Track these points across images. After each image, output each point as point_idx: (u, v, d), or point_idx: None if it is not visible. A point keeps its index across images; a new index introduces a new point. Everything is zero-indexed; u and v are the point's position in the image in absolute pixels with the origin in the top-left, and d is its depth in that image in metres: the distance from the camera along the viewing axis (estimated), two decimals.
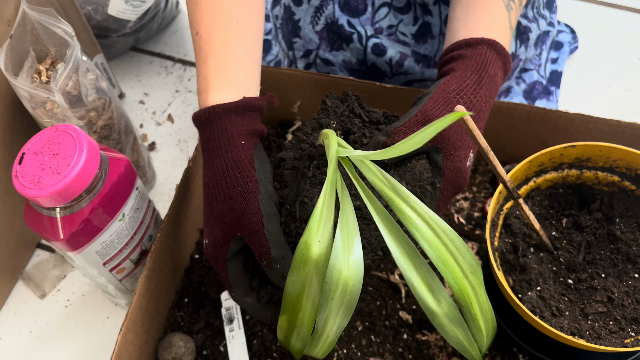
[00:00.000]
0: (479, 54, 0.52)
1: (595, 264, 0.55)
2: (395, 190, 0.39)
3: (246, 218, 0.47)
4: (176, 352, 0.58)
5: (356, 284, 0.37)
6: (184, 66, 0.89)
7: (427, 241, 0.38)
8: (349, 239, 0.38)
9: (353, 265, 0.37)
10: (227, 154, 0.49)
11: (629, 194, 0.57)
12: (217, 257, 0.50)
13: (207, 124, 0.51)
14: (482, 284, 0.39)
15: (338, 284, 0.36)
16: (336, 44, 0.72)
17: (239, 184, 0.48)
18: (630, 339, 0.49)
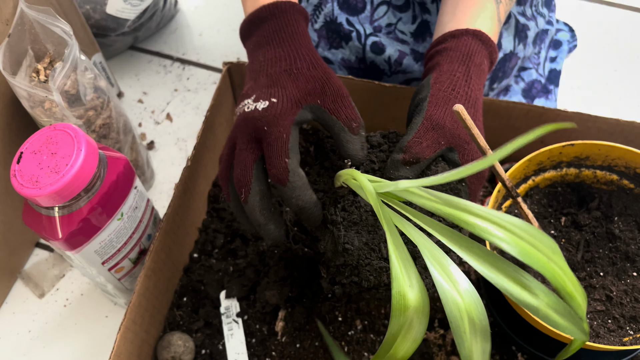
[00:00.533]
0: (464, 45, 0.52)
1: (594, 263, 0.55)
2: (450, 204, 0.38)
3: (334, 85, 0.48)
4: (175, 351, 0.58)
5: (478, 307, 0.36)
6: (183, 65, 0.89)
7: (503, 241, 0.36)
8: (444, 270, 0.37)
9: (465, 293, 0.37)
10: (306, 40, 0.51)
11: (627, 193, 0.57)
12: (284, 116, 0.47)
13: (283, 13, 0.52)
14: (564, 260, 0.38)
15: (462, 317, 0.36)
16: (335, 42, 0.72)
17: (320, 63, 0.50)
18: (629, 337, 0.49)
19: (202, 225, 0.70)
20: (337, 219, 0.46)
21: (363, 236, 0.46)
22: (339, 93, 0.47)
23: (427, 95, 0.49)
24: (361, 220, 0.46)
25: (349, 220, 0.46)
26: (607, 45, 0.91)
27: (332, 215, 0.47)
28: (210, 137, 0.68)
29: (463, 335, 0.35)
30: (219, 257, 0.66)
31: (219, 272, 0.64)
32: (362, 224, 0.46)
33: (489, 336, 0.36)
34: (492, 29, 0.54)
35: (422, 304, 0.36)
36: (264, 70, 0.50)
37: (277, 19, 0.52)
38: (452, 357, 0.61)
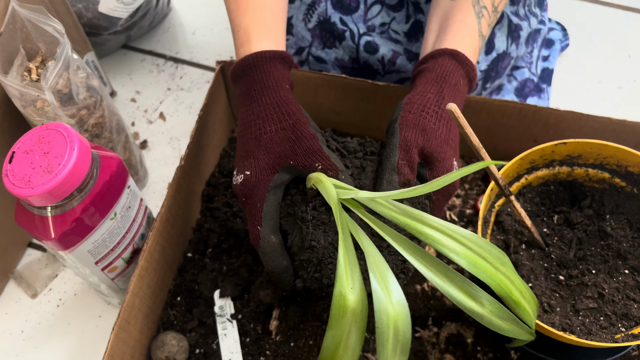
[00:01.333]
0: (440, 65, 0.53)
1: (586, 260, 0.55)
2: (407, 214, 0.40)
3: (303, 143, 0.49)
4: (169, 350, 0.58)
5: (405, 319, 0.38)
6: (176, 64, 0.89)
7: (453, 252, 0.39)
8: (383, 279, 0.39)
9: (397, 303, 0.38)
10: (276, 93, 0.52)
11: (619, 191, 0.57)
12: (258, 186, 0.49)
13: (253, 68, 0.54)
14: (513, 270, 0.40)
15: (389, 326, 0.37)
16: (329, 42, 0.72)
17: (291, 117, 0.50)
18: (621, 334, 0.50)
19: (196, 224, 0.70)
20: (307, 216, 0.48)
21: (329, 236, 0.48)
22: (309, 150, 0.48)
23: (398, 116, 0.51)
24: (329, 221, 0.48)
25: (318, 219, 0.48)
26: (599, 44, 0.91)
27: (302, 212, 0.48)
28: (204, 136, 0.68)
29: (385, 343, 0.37)
30: (213, 257, 0.66)
31: (212, 271, 0.64)
32: (330, 224, 0.48)
33: (408, 351, 0.38)
34: (471, 45, 0.56)
35: (360, 308, 0.38)
36: (241, 137, 0.53)
37: (248, 76, 0.54)
38: (445, 355, 0.61)
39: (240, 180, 0.51)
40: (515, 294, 0.40)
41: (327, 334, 0.37)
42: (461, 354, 0.62)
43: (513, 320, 0.42)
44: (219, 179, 0.73)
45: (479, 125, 0.70)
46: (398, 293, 0.38)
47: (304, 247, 0.48)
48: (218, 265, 0.65)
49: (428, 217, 0.40)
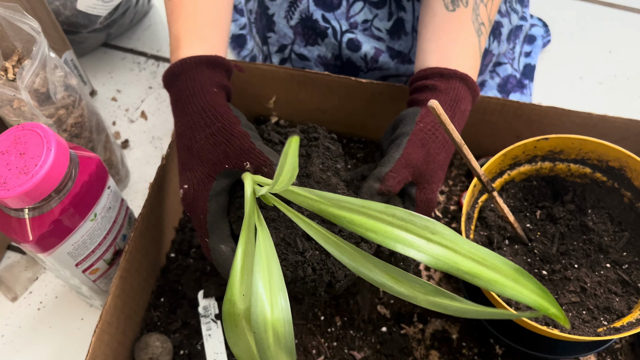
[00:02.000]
0: (452, 90, 0.53)
1: (569, 255, 0.55)
2: (322, 198, 0.39)
3: (234, 143, 0.48)
4: (153, 352, 0.58)
5: (285, 325, 0.36)
6: (157, 62, 0.88)
7: (370, 229, 0.37)
8: (270, 280, 0.37)
9: (278, 308, 0.36)
10: (201, 98, 0.51)
11: (600, 186, 0.58)
12: (197, 198, 0.49)
13: (179, 76, 0.52)
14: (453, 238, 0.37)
15: (267, 331, 0.36)
16: (311, 39, 0.72)
17: (218, 120, 0.49)
18: (603, 327, 0.50)
19: (179, 224, 0.69)
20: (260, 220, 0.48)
21: (281, 232, 0.47)
22: (241, 149, 0.48)
23: (409, 131, 0.51)
24: (278, 216, 0.48)
25: (266, 217, 0.48)
26: (581, 40, 0.92)
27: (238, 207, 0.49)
28: None
29: (267, 349, 0.35)
30: (196, 257, 0.66)
31: (196, 271, 0.64)
32: (280, 220, 0.48)
33: (294, 353, 0.36)
34: (475, 67, 0.56)
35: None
36: (177, 150, 0.53)
37: (175, 85, 0.53)
38: (431, 351, 0.61)
39: (182, 196, 0.50)
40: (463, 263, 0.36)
41: (230, 343, 0.37)
42: (446, 349, 0.62)
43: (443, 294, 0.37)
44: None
45: None
46: (282, 297, 0.37)
47: None
48: (201, 266, 0.64)
49: (343, 199, 0.38)
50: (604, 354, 0.61)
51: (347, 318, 0.62)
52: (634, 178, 0.55)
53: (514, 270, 0.36)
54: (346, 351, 0.60)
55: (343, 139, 0.77)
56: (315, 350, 0.58)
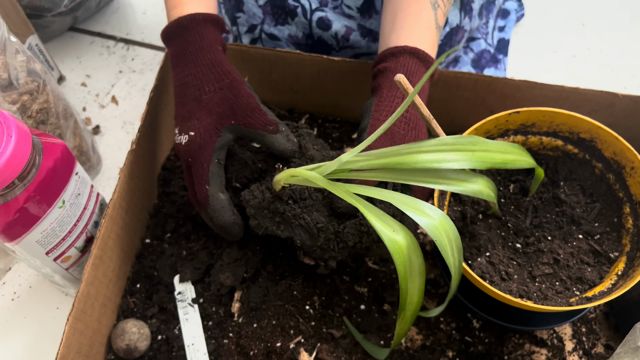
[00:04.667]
0: (402, 66, 0.54)
1: (542, 227, 0.56)
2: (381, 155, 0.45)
3: (241, 102, 0.51)
4: (130, 338, 0.57)
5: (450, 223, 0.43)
6: (127, 45, 0.86)
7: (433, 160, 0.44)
8: (418, 210, 0.43)
9: (437, 216, 0.43)
10: (210, 54, 0.53)
11: (572, 158, 0.58)
12: (204, 147, 0.52)
13: (187, 29, 0.55)
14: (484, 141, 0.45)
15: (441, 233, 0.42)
16: (281, 18, 0.70)
17: (227, 77, 0.52)
18: (575, 297, 0.51)
19: (154, 209, 0.68)
20: (297, 211, 0.50)
21: (324, 211, 0.51)
22: (248, 108, 0.51)
23: (367, 126, 0.52)
24: (313, 200, 0.51)
25: (305, 207, 0.51)
26: (554, 14, 0.92)
27: (290, 211, 0.51)
28: (157, 119, 0.66)
29: (446, 247, 0.42)
30: (171, 242, 0.65)
31: (171, 256, 0.63)
32: (317, 202, 0.51)
33: (461, 249, 0.44)
34: (429, 39, 0.56)
35: (411, 242, 0.42)
36: (180, 96, 0.55)
37: (181, 37, 0.55)
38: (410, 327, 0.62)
39: (185, 141, 0.52)
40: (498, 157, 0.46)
41: (399, 278, 0.42)
42: (425, 325, 0.62)
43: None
44: (175, 162, 0.71)
45: (435, 99, 0.70)
46: (434, 212, 0.43)
47: (314, 235, 0.50)
48: (177, 250, 0.64)
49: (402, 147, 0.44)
50: (579, 324, 0.62)
51: (324, 298, 0.62)
52: (604, 149, 0.55)
53: (522, 150, 0.48)
54: (325, 330, 0.60)
55: (317, 119, 0.77)
56: (293, 330, 0.58)
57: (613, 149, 0.55)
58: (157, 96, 0.65)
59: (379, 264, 0.66)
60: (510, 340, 0.62)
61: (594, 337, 0.61)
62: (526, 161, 0.48)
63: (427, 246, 0.67)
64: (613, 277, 0.51)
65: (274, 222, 0.52)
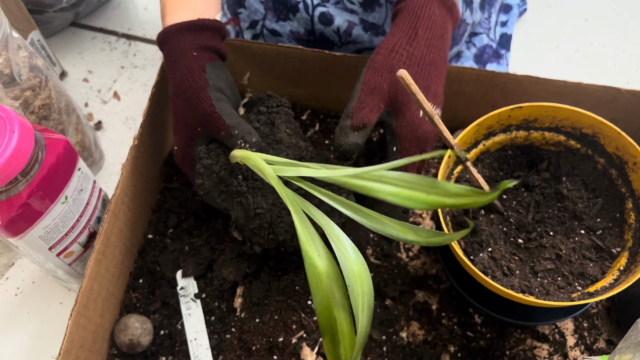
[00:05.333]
0: (411, 2, 0.52)
1: (544, 223, 0.56)
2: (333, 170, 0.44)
3: (200, 108, 0.52)
4: (133, 333, 0.57)
5: (367, 277, 0.41)
6: (129, 41, 0.86)
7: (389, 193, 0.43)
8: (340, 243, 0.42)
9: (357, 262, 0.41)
10: (181, 64, 0.54)
11: (574, 153, 0.58)
12: (185, 158, 0.55)
13: (164, 43, 0.56)
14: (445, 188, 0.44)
15: (356, 282, 0.40)
16: (282, 14, 0.70)
17: (192, 85, 0.53)
18: (577, 293, 0.51)
19: (156, 205, 0.68)
20: (242, 189, 0.51)
21: (269, 198, 0.51)
22: (204, 114, 0.52)
23: (367, 62, 0.51)
24: (263, 184, 0.52)
25: (253, 187, 0.51)
26: (557, 8, 0.91)
27: (236, 187, 0.51)
28: (159, 114, 0.66)
29: (357, 297, 0.39)
30: (173, 237, 0.65)
31: (174, 251, 0.63)
32: (266, 187, 0.52)
33: (372, 305, 0.41)
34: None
35: (332, 269, 0.40)
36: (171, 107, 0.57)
37: (163, 53, 0.57)
38: (412, 322, 0.62)
39: (174, 154, 0.57)
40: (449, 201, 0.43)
41: (314, 303, 0.39)
42: (427, 320, 0.62)
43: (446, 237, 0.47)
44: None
45: None
46: (355, 253, 0.41)
47: (250, 217, 0.51)
48: (179, 246, 0.64)
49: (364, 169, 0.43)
50: (581, 319, 0.62)
51: None
52: (606, 144, 0.55)
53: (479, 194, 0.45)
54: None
55: (320, 114, 0.77)
56: (295, 325, 0.59)
57: (615, 144, 0.54)
58: (159, 92, 0.65)
59: (380, 259, 0.66)
60: (512, 336, 0.62)
61: (596, 332, 0.61)
62: (479, 202, 0.46)
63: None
64: (615, 273, 0.51)
65: (217, 189, 0.52)
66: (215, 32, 0.57)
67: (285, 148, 0.53)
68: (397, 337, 0.61)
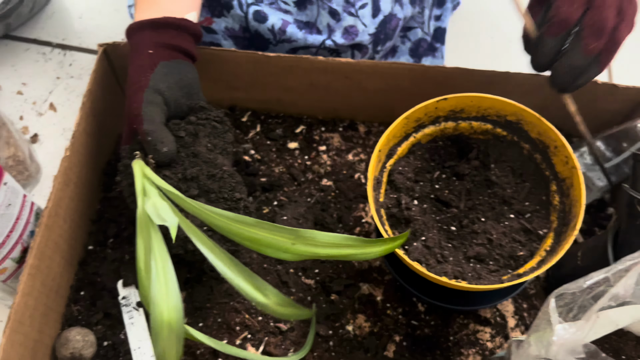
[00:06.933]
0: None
1: (476, 210, 0.57)
2: (206, 209, 0.47)
3: (131, 107, 0.53)
4: (74, 347, 0.57)
5: (177, 320, 0.44)
6: (64, 51, 0.84)
7: (245, 238, 0.46)
8: (166, 281, 0.45)
9: (173, 309, 0.44)
10: (135, 61, 0.55)
11: (502, 140, 0.60)
12: (124, 150, 0.56)
13: (128, 40, 0.58)
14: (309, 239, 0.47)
15: (163, 328, 0.44)
16: (216, 11, 0.70)
17: (134, 83, 0.54)
18: (508, 275, 0.53)
19: (96, 215, 0.67)
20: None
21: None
22: (131, 115, 0.53)
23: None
24: None
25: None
26: (491, 1, 0.94)
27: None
28: (93, 124, 0.65)
29: (159, 340, 0.44)
30: (114, 247, 0.64)
31: (114, 261, 0.63)
32: None
33: (182, 341, 0.45)
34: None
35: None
36: None
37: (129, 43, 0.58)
38: (358, 315, 0.63)
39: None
40: (322, 251, 0.46)
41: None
42: (372, 312, 0.63)
43: (292, 305, 0.52)
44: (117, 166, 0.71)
45: (373, 90, 0.71)
46: (175, 296, 0.44)
47: None
48: (120, 255, 0.63)
49: (224, 213, 0.46)
50: (520, 300, 0.64)
51: None
52: (530, 130, 0.57)
53: (361, 242, 0.48)
54: (272, 324, 0.60)
55: (260, 115, 0.77)
56: (239, 327, 0.59)
57: (538, 130, 0.56)
58: (91, 101, 0.64)
59: None
60: (455, 322, 0.63)
61: (535, 313, 0.63)
62: (365, 253, 0.49)
63: (372, 234, 0.68)
64: (542, 253, 0.53)
65: (130, 190, 0.53)
66: (182, 30, 0.57)
67: (202, 163, 0.53)
68: (343, 330, 0.62)
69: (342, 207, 0.70)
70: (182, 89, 0.56)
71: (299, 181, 0.72)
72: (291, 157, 0.74)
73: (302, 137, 0.76)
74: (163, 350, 0.44)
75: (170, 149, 0.52)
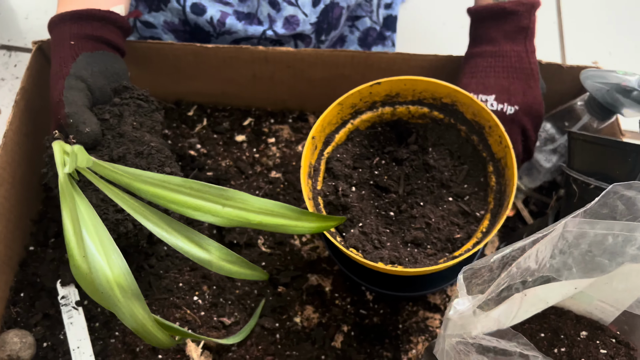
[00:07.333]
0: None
1: (415, 194, 0.57)
2: (126, 172, 0.44)
3: (52, 96, 0.53)
4: (12, 349, 0.55)
5: (127, 278, 0.41)
6: (9, 52, 0.83)
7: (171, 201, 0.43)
8: (102, 242, 0.42)
9: (115, 266, 0.41)
10: (57, 53, 0.55)
11: (439, 123, 0.59)
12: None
13: (50, 33, 0.57)
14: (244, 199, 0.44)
15: (113, 288, 0.40)
16: (154, 5, 0.69)
17: (56, 73, 0.54)
18: (444, 258, 0.52)
19: (38, 215, 0.66)
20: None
21: (100, 193, 0.49)
22: (53, 102, 0.53)
23: None
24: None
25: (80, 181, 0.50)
26: None
27: None
28: (29, 123, 0.64)
29: (117, 302, 0.41)
30: (55, 246, 0.63)
31: (53, 261, 0.62)
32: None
33: (142, 297, 0.42)
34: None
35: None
36: None
37: (51, 36, 0.57)
38: (306, 306, 0.62)
39: None
40: (254, 218, 0.43)
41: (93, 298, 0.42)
42: (320, 303, 0.63)
43: (243, 263, 0.47)
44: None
45: (316, 78, 0.71)
46: (117, 255, 0.42)
47: None
48: (59, 254, 0.62)
49: (145, 174, 0.44)
50: None
51: (215, 287, 0.61)
52: (465, 112, 0.57)
53: (297, 212, 0.45)
54: (215, 319, 0.59)
55: (206, 108, 0.76)
56: (179, 322, 0.58)
57: (472, 111, 0.56)
58: (26, 100, 0.63)
59: (273, 247, 0.66)
60: (405, 309, 0.63)
61: None
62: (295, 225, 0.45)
63: None
64: (479, 235, 0.53)
65: (54, 180, 0.52)
66: (106, 22, 0.57)
67: (128, 142, 0.52)
68: (291, 322, 0.61)
69: (290, 199, 0.70)
70: (107, 77, 0.55)
71: (247, 174, 0.71)
72: (239, 150, 0.73)
73: (250, 129, 0.75)
74: (130, 315, 0.41)
75: (93, 130, 0.51)
